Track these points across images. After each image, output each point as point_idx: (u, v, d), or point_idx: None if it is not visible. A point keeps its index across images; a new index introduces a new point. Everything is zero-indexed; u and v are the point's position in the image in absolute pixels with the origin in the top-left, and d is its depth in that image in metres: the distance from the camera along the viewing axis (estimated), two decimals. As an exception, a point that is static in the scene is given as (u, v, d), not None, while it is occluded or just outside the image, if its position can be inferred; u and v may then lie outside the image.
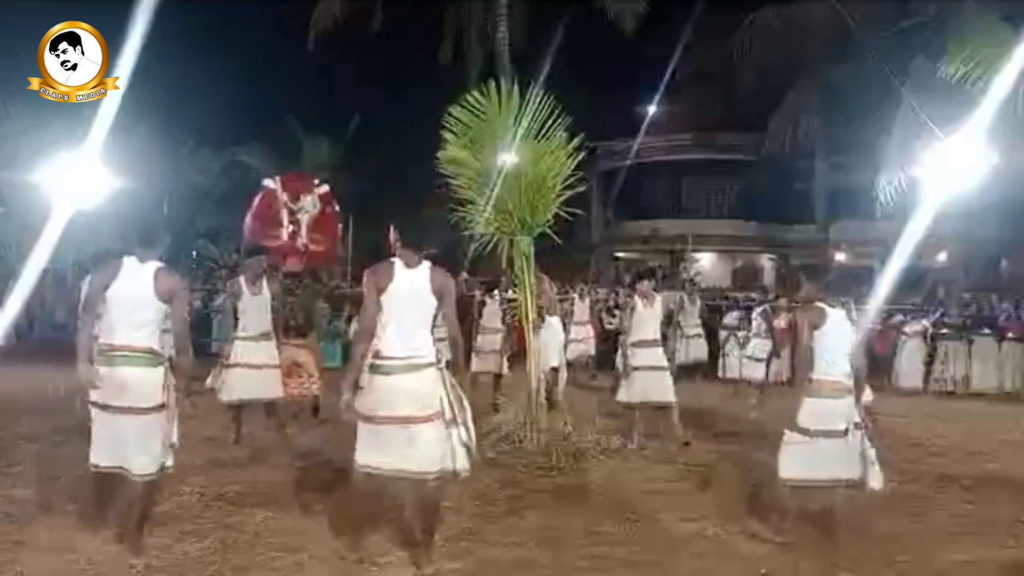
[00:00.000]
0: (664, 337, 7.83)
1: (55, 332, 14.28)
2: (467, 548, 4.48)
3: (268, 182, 8.71)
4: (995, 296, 15.33)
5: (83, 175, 7.32)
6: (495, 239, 7.44)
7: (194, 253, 20.69)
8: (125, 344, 4.09)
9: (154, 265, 4.17)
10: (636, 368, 7.34)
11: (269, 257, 7.42)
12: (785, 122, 18.29)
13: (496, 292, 10.45)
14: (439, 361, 4.12)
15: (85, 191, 7.41)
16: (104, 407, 4.11)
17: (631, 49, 19.83)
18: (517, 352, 13.96)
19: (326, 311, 14.89)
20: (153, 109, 15.61)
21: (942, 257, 19.87)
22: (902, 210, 11.32)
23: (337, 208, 9.05)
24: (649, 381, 7.32)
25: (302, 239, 8.54)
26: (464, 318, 10.55)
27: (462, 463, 4.13)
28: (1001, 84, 8.95)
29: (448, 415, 4.06)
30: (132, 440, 4.08)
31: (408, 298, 4.05)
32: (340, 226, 9.01)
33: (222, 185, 21.25)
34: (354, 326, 12.93)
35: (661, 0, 18.35)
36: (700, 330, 12.39)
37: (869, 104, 15.45)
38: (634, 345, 7.40)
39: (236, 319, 6.88)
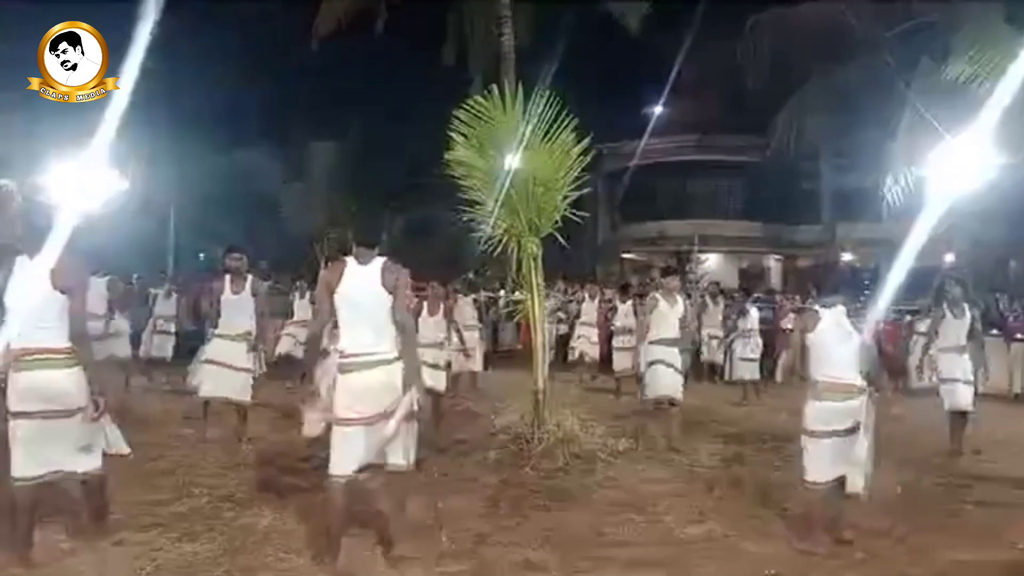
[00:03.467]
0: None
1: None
2: (473, 549, 4.50)
3: (5, 182, 8.84)
4: (1005, 297, 15.24)
5: (90, 178, 7.37)
6: (502, 240, 7.45)
7: (200, 256, 20.75)
8: (34, 347, 3.90)
9: (49, 259, 3.91)
10: (651, 363, 7.38)
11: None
12: (790, 123, 18.19)
13: (472, 291, 10.55)
14: (399, 358, 4.10)
15: (92, 194, 7.45)
16: (29, 415, 3.89)
17: (636, 50, 19.84)
18: (523, 351, 14.04)
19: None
20: (159, 112, 15.69)
21: (949, 258, 19.80)
22: (909, 211, 11.29)
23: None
24: (662, 376, 7.34)
25: None
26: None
27: (411, 458, 4.19)
28: (1007, 85, 8.93)
29: (405, 411, 4.04)
30: (69, 442, 3.93)
31: (359, 295, 4.07)
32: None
33: (228, 188, 21.30)
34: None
35: (666, 1, 18.38)
36: (720, 332, 12.38)
37: (875, 105, 15.40)
38: (652, 343, 7.41)
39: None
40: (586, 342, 12.42)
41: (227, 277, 6.92)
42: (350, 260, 4.14)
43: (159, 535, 4.51)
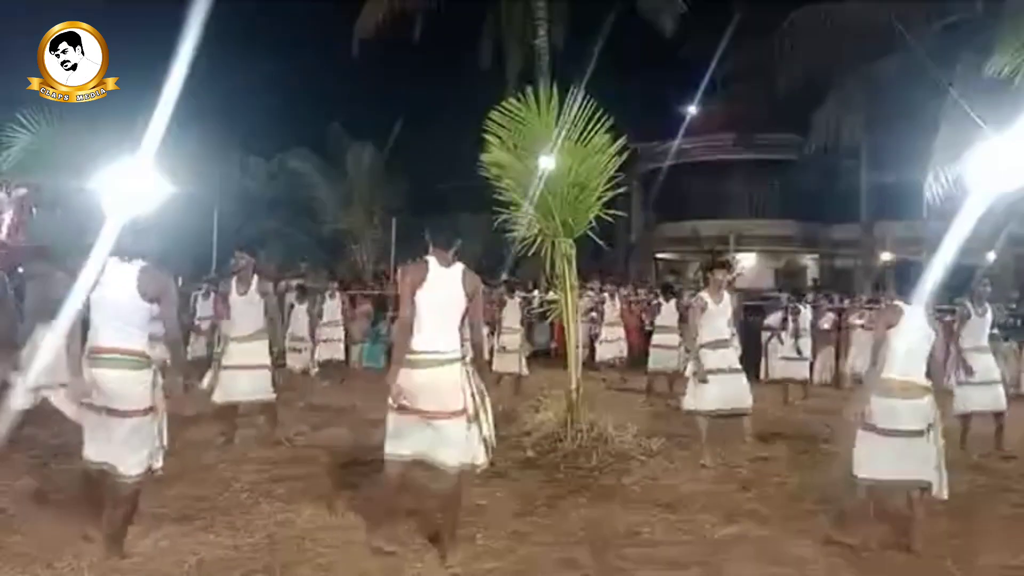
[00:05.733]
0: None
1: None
2: (508, 547, 4.54)
3: (23, 190, 9.19)
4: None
5: (137, 181, 7.55)
6: (537, 241, 7.48)
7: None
8: (110, 347, 4.06)
9: (138, 264, 4.10)
10: (711, 372, 6.72)
11: None
12: (828, 120, 18.04)
13: (516, 292, 10.57)
14: (464, 357, 4.26)
15: (139, 197, 7.61)
16: (93, 407, 4.12)
17: (671, 49, 19.77)
18: (558, 350, 14.02)
19: (370, 313, 15.12)
20: (203, 117, 15.99)
21: (991, 257, 19.40)
22: (950, 209, 11.11)
23: (34, 209, 9.50)
24: (725, 387, 6.72)
25: (1, 237, 9.02)
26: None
27: (481, 456, 4.29)
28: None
29: (471, 411, 4.21)
30: (120, 441, 4.08)
31: (441, 297, 4.19)
32: (33, 224, 9.47)
33: (270, 191, 21.69)
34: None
35: (701, 0, 18.30)
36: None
37: (914, 102, 15.17)
38: (705, 346, 6.78)
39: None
40: (609, 343, 12.39)
41: (234, 279, 6.86)
42: (432, 261, 4.23)
43: (201, 529, 4.63)
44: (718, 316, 6.87)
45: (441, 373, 4.16)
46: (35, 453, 6.07)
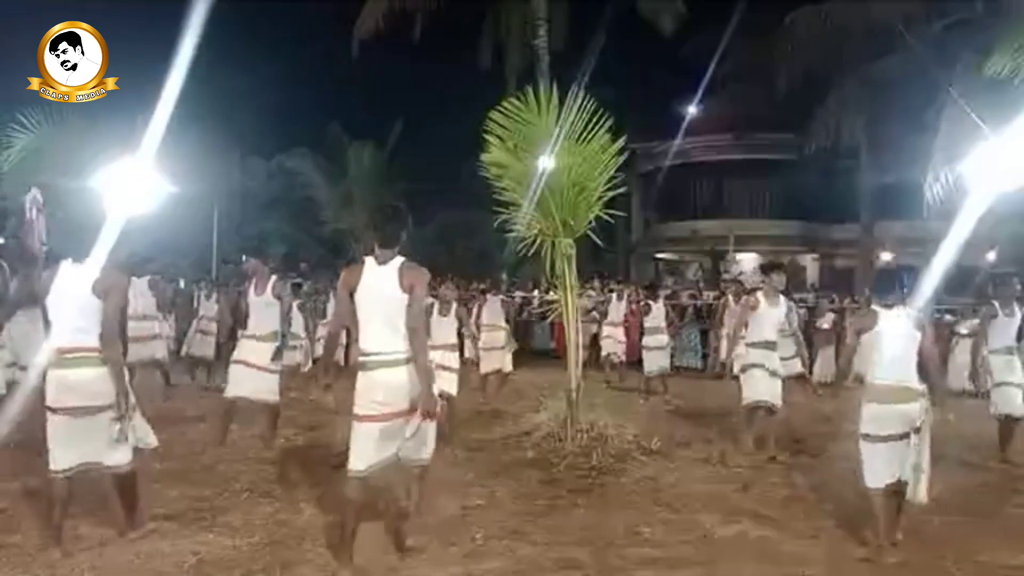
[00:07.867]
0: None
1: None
2: (508, 546, 4.54)
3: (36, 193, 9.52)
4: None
5: (137, 181, 7.59)
6: (537, 241, 7.48)
7: (243, 257, 21.21)
8: (71, 347, 4.10)
9: (95, 264, 4.15)
10: (748, 367, 7.06)
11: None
12: (828, 120, 18.05)
13: (496, 290, 10.57)
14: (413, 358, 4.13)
15: (139, 196, 7.65)
16: (63, 411, 4.12)
17: (671, 50, 19.80)
18: (558, 350, 13.97)
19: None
20: (203, 117, 16.04)
21: (991, 256, 19.40)
22: (950, 208, 11.12)
23: (36, 210, 9.81)
24: (760, 381, 7.02)
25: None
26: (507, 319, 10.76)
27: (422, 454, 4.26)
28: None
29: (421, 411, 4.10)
30: (99, 436, 4.13)
31: (376, 295, 4.08)
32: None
33: (269, 190, 21.73)
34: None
35: (701, 0, 18.33)
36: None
37: (914, 102, 15.19)
38: (748, 345, 7.12)
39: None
40: (612, 342, 12.39)
41: (252, 280, 6.95)
42: (369, 260, 4.16)
43: (201, 529, 4.64)
44: (769, 319, 7.08)
45: (392, 373, 4.05)
46: (35, 453, 6.06)
